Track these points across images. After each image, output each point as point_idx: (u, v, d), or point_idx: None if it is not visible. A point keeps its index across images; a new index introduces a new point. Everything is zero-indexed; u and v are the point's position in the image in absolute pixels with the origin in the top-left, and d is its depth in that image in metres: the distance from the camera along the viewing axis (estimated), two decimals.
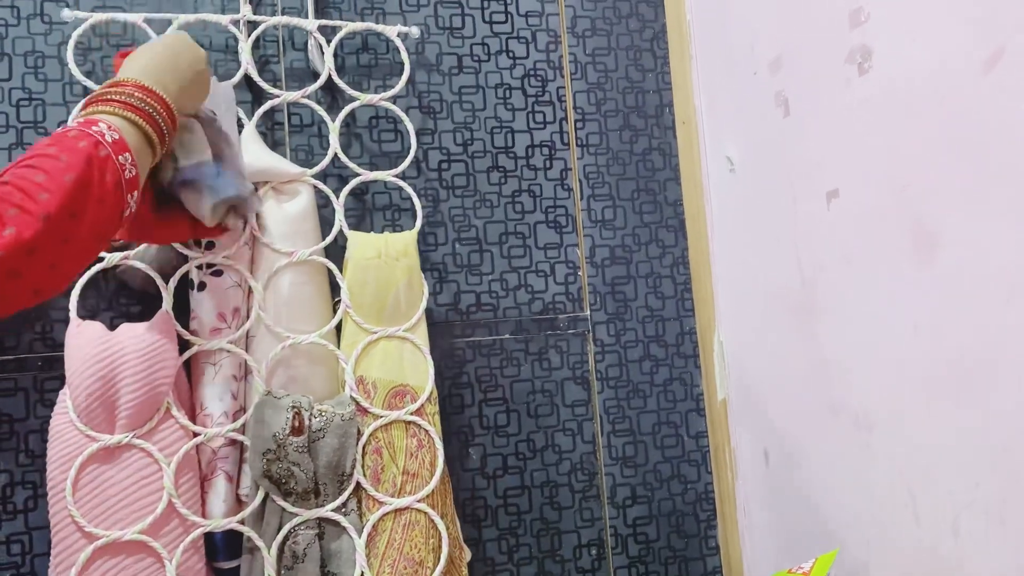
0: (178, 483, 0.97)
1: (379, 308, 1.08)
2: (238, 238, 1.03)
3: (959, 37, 0.79)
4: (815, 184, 1.01)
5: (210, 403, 1.01)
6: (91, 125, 0.74)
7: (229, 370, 1.02)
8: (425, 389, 1.08)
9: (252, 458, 0.99)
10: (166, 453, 0.97)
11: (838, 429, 1.00)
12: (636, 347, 1.26)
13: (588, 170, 1.26)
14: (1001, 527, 0.78)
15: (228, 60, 1.13)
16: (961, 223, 0.81)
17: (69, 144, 0.71)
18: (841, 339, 0.99)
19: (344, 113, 1.12)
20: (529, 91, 1.25)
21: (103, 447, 0.95)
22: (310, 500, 1.01)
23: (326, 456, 1.01)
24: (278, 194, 1.07)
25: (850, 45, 0.93)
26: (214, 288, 1.02)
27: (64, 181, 0.69)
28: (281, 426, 0.98)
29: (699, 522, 1.26)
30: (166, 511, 0.96)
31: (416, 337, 1.10)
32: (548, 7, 1.27)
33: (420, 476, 1.06)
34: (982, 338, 0.79)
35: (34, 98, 1.07)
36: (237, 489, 1.03)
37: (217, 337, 1.02)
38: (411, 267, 1.10)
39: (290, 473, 0.99)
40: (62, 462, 0.94)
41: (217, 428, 1.00)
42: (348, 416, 1.02)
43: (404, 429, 1.07)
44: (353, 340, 1.07)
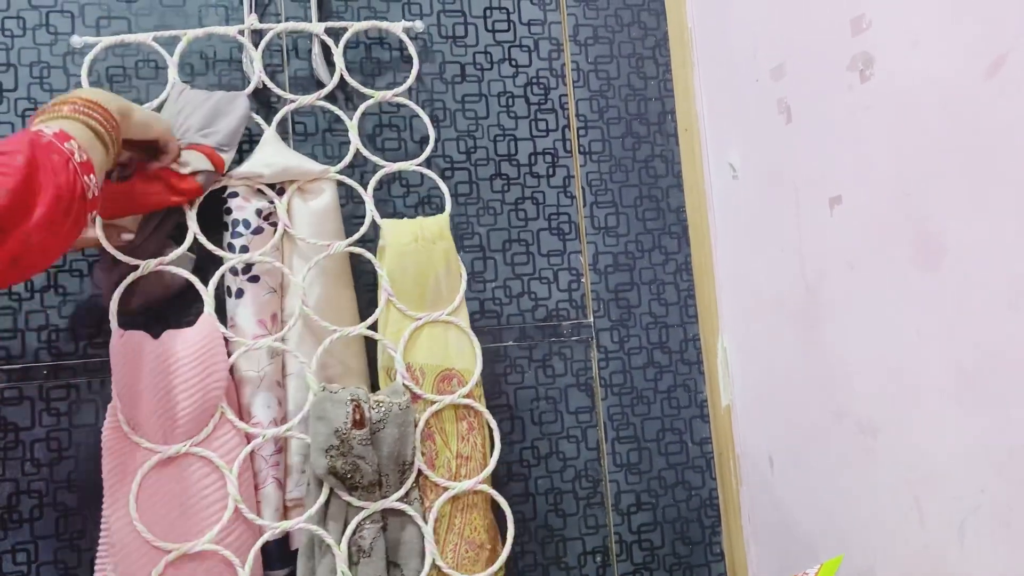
0: (240, 489, 0.97)
1: (420, 293, 1.08)
2: (269, 241, 1.04)
3: (961, 44, 0.79)
4: (818, 191, 1.01)
5: (259, 411, 1.02)
6: (63, 140, 0.78)
7: (273, 377, 1.03)
8: (472, 372, 1.09)
9: (315, 455, 0.98)
10: (225, 460, 0.97)
11: (842, 435, 1.00)
12: (640, 354, 1.26)
13: (591, 177, 1.27)
14: (1007, 532, 0.78)
15: (232, 70, 1.13)
16: (964, 229, 0.81)
17: (15, 139, 0.75)
18: (845, 345, 0.99)
19: (361, 109, 1.13)
20: (532, 99, 1.25)
21: (162, 459, 0.94)
22: (374, 492, 1.00)
23: (388, 447, 1.00)
24: (303, 193, 1.08)
25: (852, 52, 0.93)
26: (252, 295, 1.03)
27: (16, 164, 0.72)
28: (343, 420, 0.98)
29: (704, 528, 1.26)
30: (232, 518, 0.96)
31: (459, 320, 1.10)
32: (550, 15, 1.27)
33: (473, 459, 1.07)
34: (986, 343, 0.79)
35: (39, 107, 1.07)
36: (284, 494, 1.03)
37: (263, 340, 1.02)
38: (448, 250, 1.10)
39: (355, 467, 0.98)
40: (119, 476, 0.93)
41: (273, 429, 1.00)
42: (405, 404, 1.02)
43: (454, 413, 1.08)
44: (398, 328, 1.07)
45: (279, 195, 1.07)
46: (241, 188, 1.05)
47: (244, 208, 1.04)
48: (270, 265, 1.04)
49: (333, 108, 1.13)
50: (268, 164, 1.05)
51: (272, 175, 1.05)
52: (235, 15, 1.14)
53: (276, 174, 1.05)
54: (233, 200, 1.04)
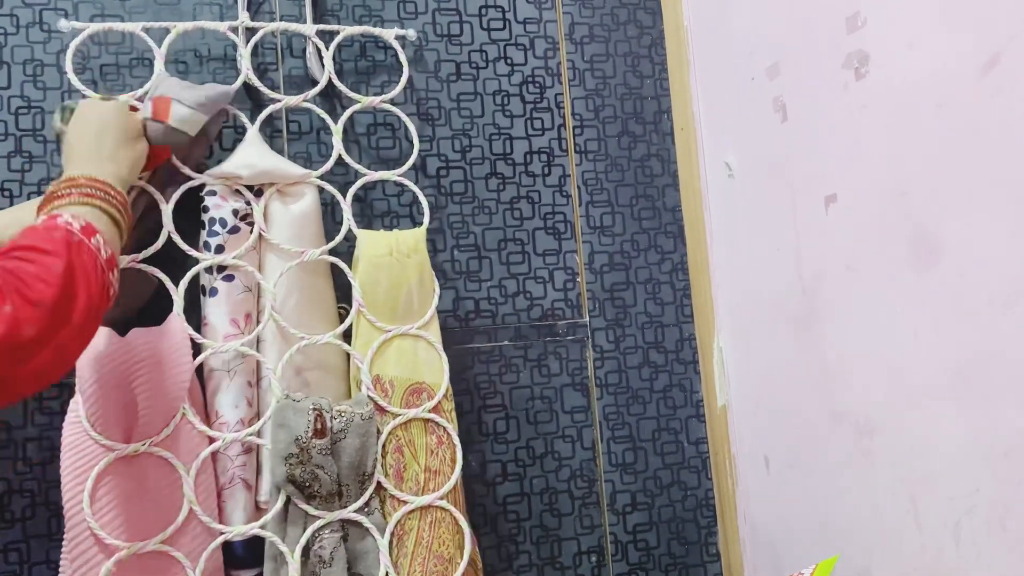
0: (197, 491, 0.96)
1: (392, 306, 1.08)
2: (246, 242, 1.03)
3: (956, 42, 0.79)
4: (814, 189, 1.01)
5: (225, 411, 1.01)
6: (56, 218, 0.78)
7: (243, 377, 1.02)
8: (441, 386, 1.08)
9: (274, 463, 0.98)
10: (184, 460, 0.96)
11: (839, 435, 1.00)
12: (635, 353, 1.26)
13: (587, 176, 1.26)
14: (1002, 532, 0.78)
15: (226, 68, 1.13)
16: (960, 228, 0.80)
17: (42, 235, 0.75)
18: (841, 345, 0.99)
19: (347, 115, 1.12)
20: (527, 98, 1.25)
21: (119, 456, 0.94)
22: (334, 502, 1.00)
23: (348, 457, 1.00)
24: (283, 196, 1.07)
25: (847, 50, 0.93)
26: (226, 294, 1.02)
27: (54, 270, 0.73)
28: (304, 429, 0.97)
29: (699, 529, 1.26)
30: (187, 519, 0.95)
31: (430, 334, 1.10)
32: (546, 14, 1.27)
33: (442, 473, 1.07)
34: (982, 344, 0.79)
35: (33, 106, 1.07)
36: (255, 497, 1.02)
37: (230, 343, 1.01)
38: (422, 264, 1.10)
39: (314, 476, 0.98)
40: (77, 473, 0.92)
41: (235, 433, 0.99)
42: (367, 415, 1.02)
43: (423, 427, 1.07)
44: (367, 339, 1.07)
45: (258, 196, 1.05)
46: (219, 187, 1.04)
47: (221, 207, 1.03)
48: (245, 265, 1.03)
49: (320, 111, 1.12)
50: (248, 165, 1.04)
51: (251, 177, 1.04)
52: (229, 13, 1.14)
53: (255, 176, 1.04)
54: (211, 198, 1.03)
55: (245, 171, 1.03)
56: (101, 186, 0.85)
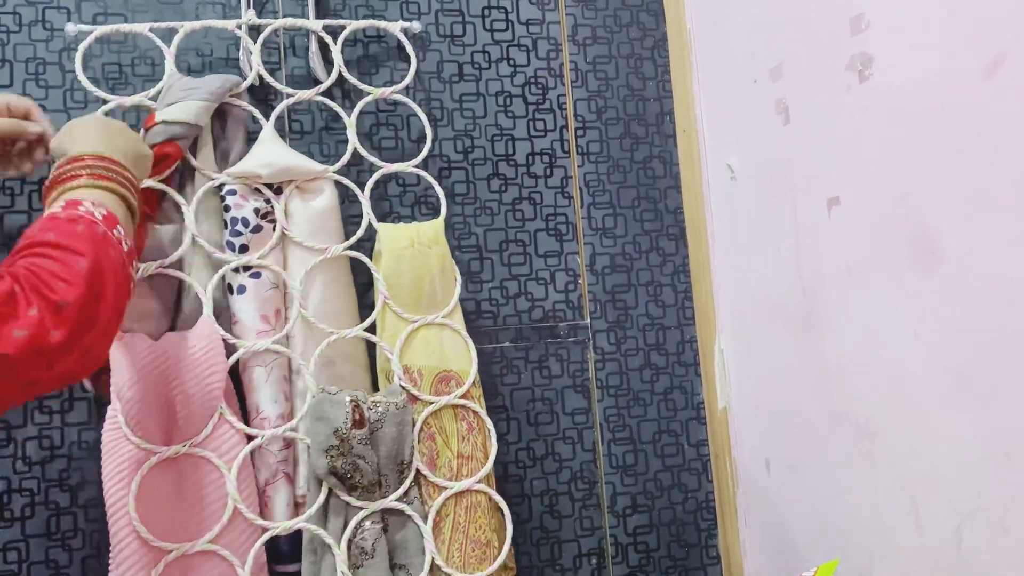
0: (239, 489, 0.97)
1: (416, 297, 1.09)
2: (269, 240, 1.04)
3: (959, 44, 0.79)
4: (816, 192, 1.01)
5: (265, 406, 1.02)
6: (76, 205, 0.74)
7: (280, 372, 1.03)
8: (469, 373, 1.10)
9: (315, 456, 0.99)
10: (224, 459, 0.97)
11: (839, 437, 1.00)
12: (636, 355, 1.26)
13: (589, 178, 1.26)
14: (1004, 536, 0.78)
15: (229, 69, 1.13)
16: (962, 230, 0.80)
17: (67, 228, 0.71)
18: (842, 347, 0.99)
19: (359, 107, 1.13)
20: (530, 99, 1.25)
21: (161, 459, 0.94)
22: (374, 492, 1.01)
23: (386, 446, 1.01)
24: (302, 192, 1.08)
25: (851, 52, 0.93)
26: (254, 291, 1.03)
27: (79, 269, 0.69)
28: (343, 420, 0.98)
29: (700, 531, 1.26)
30: (232, 517, 0.96)
31: (454, 322, 1.11)
32: (549, 15, 1.27)
33: (474, 458, 1.08)
34: (983, 346, 0.79)
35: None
36: (295, 490, 1.03)
37: (263, 339, 1.02)
38: (443, 254, 1.11)
39: (355, 467, 0.98)
40: (120, 477, 0.93)
41: (274, 430, 1.00)
42: (402, 404, 1.03)
43: (453, 413, 1.09)
44: (394, 330, 1.08)
45: (277, 194, 1.06)
46: (239, 186, 1.05)
47: (243, 206, 1.04)
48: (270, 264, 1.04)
49: (332, 104, 1.13)
50: (266, 164, 1.05)
51: (270, 175, 1.05)
52: (232, 13, 1.14)
53: (274, 174, 1.05)
54: (231, 198, 1.04)
55: (264, 169, 1.04)
56: (111, 164, 0.81)
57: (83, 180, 0.78)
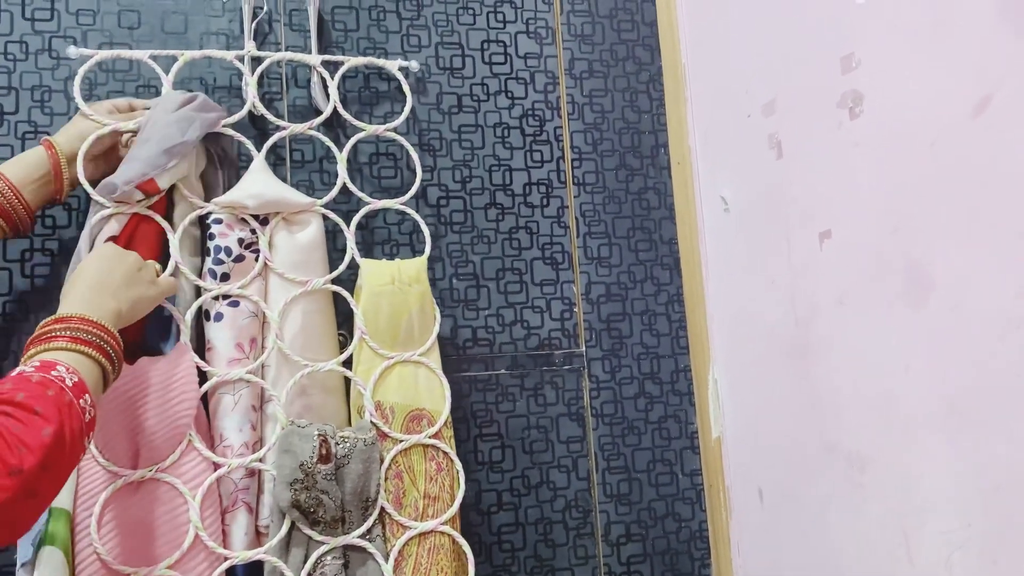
0: (202, 516, 0.97)
1: (393, 334, 1.09)
2: (251, 270, 1.04)
3: (948, 83, 0.81)
4: (808, 225, 1.03)
5: (230, 434, 1.01)
6: (51, 368, 0.75)
7: (248, 400, 1.03)
8: (442, 412, 1.09)
9: (279, 488, 0.98)
10: (190, 486, 0.97)
11: (832, 468, 1.00)
12: (631, 384, 1.27)
13: (584, 208, 1.28)
14: (994, 567, 0.78)
15: (231, 97, 1.14)
16: (952, 264, 0.82)
17: (37, 392, 0.71)
18: (834, 378, 1.00)
19: (351, 143, 1.14)
20: (527, 130, 1.27)
21: (127, 482, 0.95)
22: (337, 528, 1.00)
23: (351, 482, 1.01)
24: (289, 224, 1.09)
25: (842, 90, 0.95)
26: (231, 319, 1.03)
27: (42, 437, 0.69)
28: (309, 454, 0.98)
29: (693, 561, 1.26)
30: (192, 544, 0.96)
31: (430, 361, 1.11)
32: (547, 49, 1.29)
33: (441, 499, 1.07)
34: (974, 378, 0.80)
35: (39, 131, 1.08)
36: (256, 520, 1.02)
37: (235, 367, 1.02)
38: (423, 293, 1.11)
39: (319, 501, 0.98)
40: (86, 499, 0.93)
41: (241, 459, 1.00)
42: (371, 441, 1.03)
43: (423, 453, 1.08)
44: (369, 366, 1.08)
45: (263, 224, 1.07)
46: (225, 215, 1.05)
47: (227, 236, 1.04)
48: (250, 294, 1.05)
49: (324, 139, 1.13)
50: (254, 195, 1.05)
51: (257, 206, 1.05)
52: (236, 43, 1.16)
53: (261, 205, 1.05)
54: (216, 227, 1.04)
55: (251, 200, 1.05)
56: (95, 329, 0.81)
57: (62, 343, 0.79)
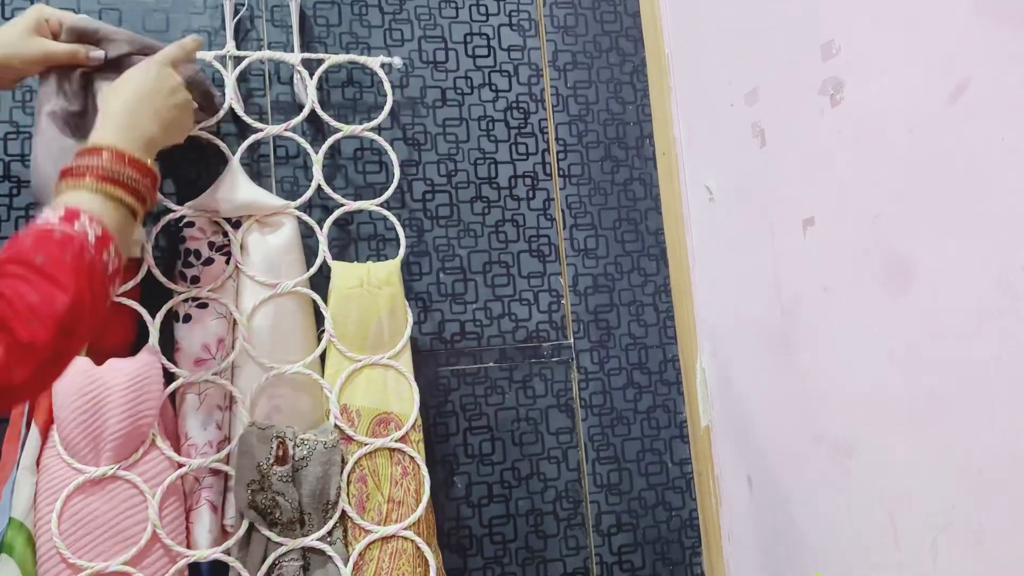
0: (163, 513, 0.98)
1: (362, 337, 1.09)
2: (220, 273, 1.05)
3: (926, 69, 0.81)
4: (791, 213, 1.03)
5: (194, 432, 1.02)
6: (74, 219, 0.72)
7: (214, 400, 1.03)
8: (410, 416, 1.09)
9: (237, 488, 0.99)
10: (151, 484, 0.98)
11: (819, 455, 1.01)
12: (619, 374, 1.27)
13: (570, 200, 1.28)
14: (977, 548, 0.79)
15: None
16: (932, 250, 0.82)
17: (56, 254, 0.69)
18: (820, 366, 1.01)
19: (327, 144, 1.14)
20: (512, 123, 1.27)
21: (89, 479, 0.95)
22: (295, 530, 1.01)
23: (310, 485, 1.01)
24: (262, 227, 1.08)
25: (823, 77, 0.95)
26: (199, 320, 1.03)
27: (56, 307, 0.67)
28: (265, 456, 0.99)
29: (684, 549, 1.27)
30: (150, 541, 0.97)
31: (400, 364, 1.10)
32: (530, 41, 1.29)
33: (406, 504, 1.07)
34: (955, 365, 0.81)
35: (21, 131, 1.08)
36: (222, 519, 1.03)
37: (202, 367, 1.02)
38: (394, 295, 1.11)
39: (275, 503, 0.99)
40: (48, 495, 0.94)
41: (201, 459, 1.00)
42: (331, 444, 1.03)
43: (389, 457, 1.08)
44: (337, 369, 1.08)
45: (236, 227, 1.07)
46: (197, 218, 1.05)
47: (198, 240, 1.04)
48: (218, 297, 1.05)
49: (301, 141, 1.13)
50: (226, 199, 1.05)
51: (229, 210, 1.05)
52: (217, 40, 1.15)
53: (234, 209, 1.05)
54: (188, 230, 1.04)
55: (224, 204, 1.05)
56: (126, 167, 0.79)
57: (89, 182, 0.77)
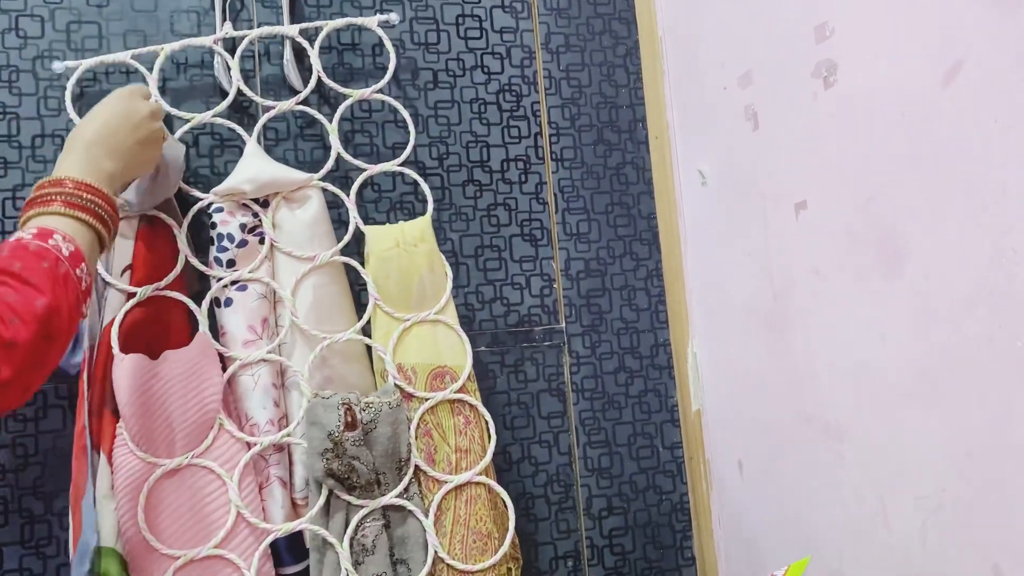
0: (241, 495, 1.00)
1: (406, 296, 1.11)
2: (256, 253, 1.06)
3: (919, 51, 0.81)
4: (784, 196, 1.03)
5: (255, 413, 1.04)
6: (47, 237, 0.75)
7: (268, 379, 1.05)
8: (464, 367, 1.11)
9: (311, 459, 1.01)
10: (226, 467, 1.00)
11: (810, 438, 1.01)
12: (611, 359, 1.27)
13: (563, 184, 1.28)
14: (967, 531, 0.79)
15: (204, 75, 1.13)
16: (924, 233, 0.82)
17: (33, 263, 0.71)
18: (811, 349, 1.01)
19: (341, 110, 1.14)
20: (504, 106, 1.26)
21: (166, 471, 0.98)
22: (373, 491, 1.03)
23: (381, 446, 1.03)
24: (289, 203, 1.10)
25: (816, 60, 0.95)
26: (241, 303, 1.05)
27: (36, 307, 0.69)
28: (335, 424, 1.00)
29: (675, 533, 1.27)
30: (236, 523, 0.99)
31: (447, 318, 1.13)
32: (522, 23, 1.28)
33: (472, 451, 1.10)
34: (946, 347, 0.81)
35: (8, 112, 1.07)
36: (291, 493, 1.05)
37: (251, 348, 1.04)
38: (430, 251, 1.13)
39: (351, 467, 1.00)
40: (129, 490, 0.97)
41: (270, 436, 1.03)
42: (395, 403, 1.05)
43: (449, 408, 1.10)
44: (387, 330, 1.10)
45: (264, 207, 1.08)
46: (225, 203, 1.07)
47: (229, 223, 1.06)
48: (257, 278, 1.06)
49: (314, 112, 1.14)
50: (250, 179, 1.06)
51: (255, 190, 1.07)
52: (206, 20, 1.14)
53: (259, 188, 1.07)
54: (218, 215, 1.06)
55: (248, 185, 1.06)
56: (90, 193, 0.80)
57: (57, 207, 0.78)
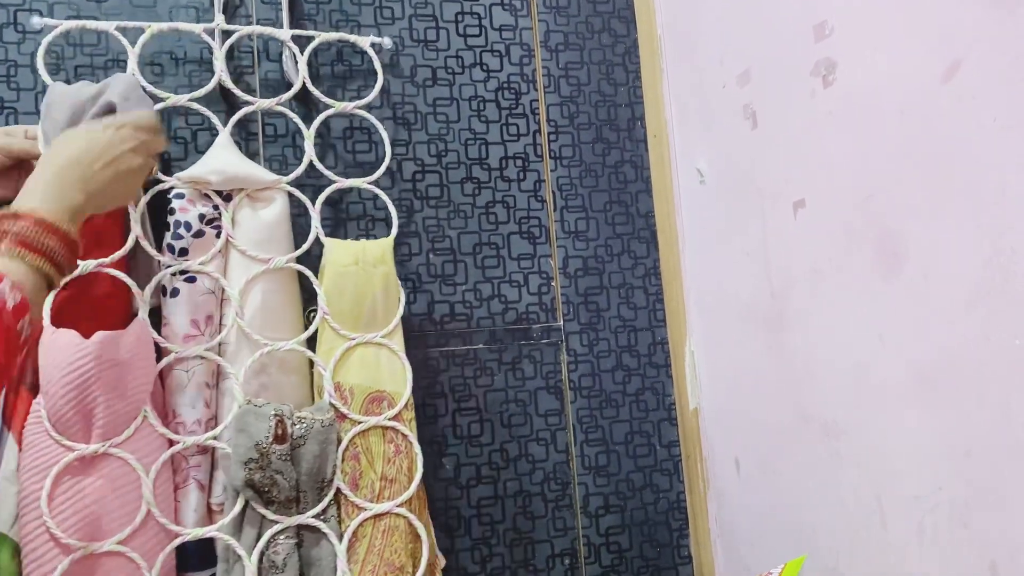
0: (155, 493, 0.97)
1: (356, 315, 1.08)
2: (211, 247, 1.03)
3: (918, 50, 0.81)
4: (783, 195, 1.03)
5: (183, 410, 1.01)
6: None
7: (202, 377, 1.02)
8: (402, 395, 1.09)
9: (234, 467, 0.98)
10: (144, 462, 0.97)
11: (807, 437, 1.01)
12: (609, 357, 1.27)
13: (561, 182, 1.28)
14: (964, 530, 0.79)
15: (202, 71, 1.13)
16: (923, 232, 0.82)
17: None
18: (809, 348, 1.01)
19: (319, 121, 1.13)
20: (503, 104, 1.26)
21: (79, 456, 0.94)
22: (291, 508, 1.00)
23: (307, 463, 1.01)
24: (253, 201, 1.08)
25: (815, 58, 0.95)
26: (187, 295, 1.02)
27: None
28: (264, 434, 0.98)
29: (671, 531, 1.27)
30: (144, 520, 0.96)
31: (393, 343, 1.10)
32: (522, 21, 1.28)
33: (398, 481, 1.07)
34: (944, 346, 0.81)
35: (6, 107, 1.07)
36: (208, 498, 1.02)
37: (191, 344, 1.01)
38: (387, 274, 1.10)
39: (273, 481, 0.98)
40: (36, 472, 0.92)
41: (195, 436, 0.99)
42: (328, 422, 1.02)
43: (381, 435, 1.07)
44: (331, 347, 1.07)
45: (227, 201, 1.06)
46: (187, 190, 1.04)
47: (188, 211, 1.03)
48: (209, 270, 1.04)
49: (293, 116, 1.12)
50: (217, 171, 1.04)
51: (220, 182, 1.04)
52: (206, 16, 1.14)
53: (224, 181, 1.04)
54: (178, 201, 1.03)
55: (214, 176, 1.04)
56: (47, 234, 0.76)
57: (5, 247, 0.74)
